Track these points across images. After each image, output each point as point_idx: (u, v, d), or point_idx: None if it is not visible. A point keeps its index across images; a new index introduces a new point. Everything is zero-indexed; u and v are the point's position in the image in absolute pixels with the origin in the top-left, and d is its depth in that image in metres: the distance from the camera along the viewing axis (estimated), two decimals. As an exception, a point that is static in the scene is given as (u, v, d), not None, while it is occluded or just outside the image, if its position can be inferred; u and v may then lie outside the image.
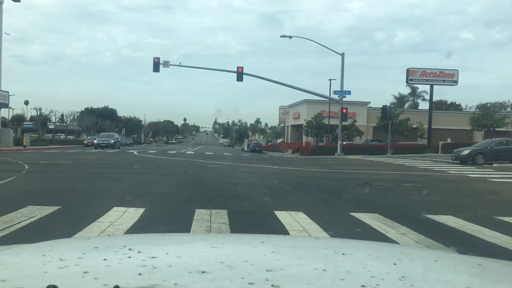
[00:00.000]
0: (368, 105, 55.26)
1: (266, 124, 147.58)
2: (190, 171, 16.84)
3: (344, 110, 34.91)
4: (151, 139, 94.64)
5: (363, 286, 1.03)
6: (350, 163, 24.72)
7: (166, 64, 33.11)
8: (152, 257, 1.26)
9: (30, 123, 74.89)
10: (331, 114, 46.27)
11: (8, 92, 39.11)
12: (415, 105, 67.27)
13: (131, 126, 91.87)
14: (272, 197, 9.70)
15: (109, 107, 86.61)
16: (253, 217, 7.18)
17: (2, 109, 41.69)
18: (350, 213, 7.52)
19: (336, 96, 37.21)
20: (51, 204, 7.54)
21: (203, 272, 1.11)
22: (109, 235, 5.37)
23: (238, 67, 32.75)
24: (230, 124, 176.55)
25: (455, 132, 48.65)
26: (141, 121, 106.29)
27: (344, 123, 38.18)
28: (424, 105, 62.84)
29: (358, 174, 16.63)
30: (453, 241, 5.56)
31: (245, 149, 61.85)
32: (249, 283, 1.04)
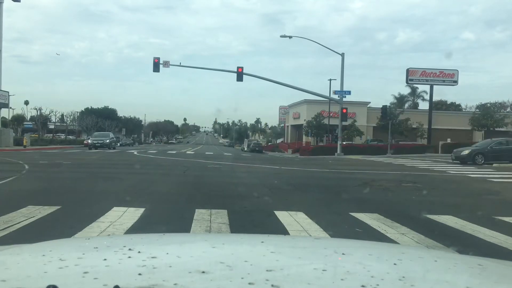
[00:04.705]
0: (368, 105, 55.24)
1: (266, 124, 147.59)
2: (190, 171, 16.83)
3: (344, 110, 34.92)
4: (151, 140, 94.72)
5: (363, 286, 1.03)
6: (350, 163, 24.72)
7: (166, 64, 33.11)
8: (152, 257, 1.26)
9: (30, 123, 74.92)
10: (331, 114, 46.29)
11: (8, 92, 39.10)
12: (415, 105, 67.24)
13: (131, 126, 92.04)
14: (272, 197, 9.69)
15: (109, 107, 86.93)
16: (253, 217, 7.18)
17: (2, 109, 41.68)
18: (350, 213, 7.52)
19: (336, 96, 37.23)
20: (51, 204, 7.54)
21: (203, 272, 1.11)
22: (109, 235, 5.36)
23: (238, 67, 32.77)
24: (230, 124, 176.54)
25: (455, 132, 48.62)
26: (141, 121, 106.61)
27: (344, 123, 38.20)
28: (424, 105, 62.88)
29: (358, 174, 16.63)
30: (453, 241, 5.57)
31: (245, 149, 61.81)
32: (249, 283, 1.04)
